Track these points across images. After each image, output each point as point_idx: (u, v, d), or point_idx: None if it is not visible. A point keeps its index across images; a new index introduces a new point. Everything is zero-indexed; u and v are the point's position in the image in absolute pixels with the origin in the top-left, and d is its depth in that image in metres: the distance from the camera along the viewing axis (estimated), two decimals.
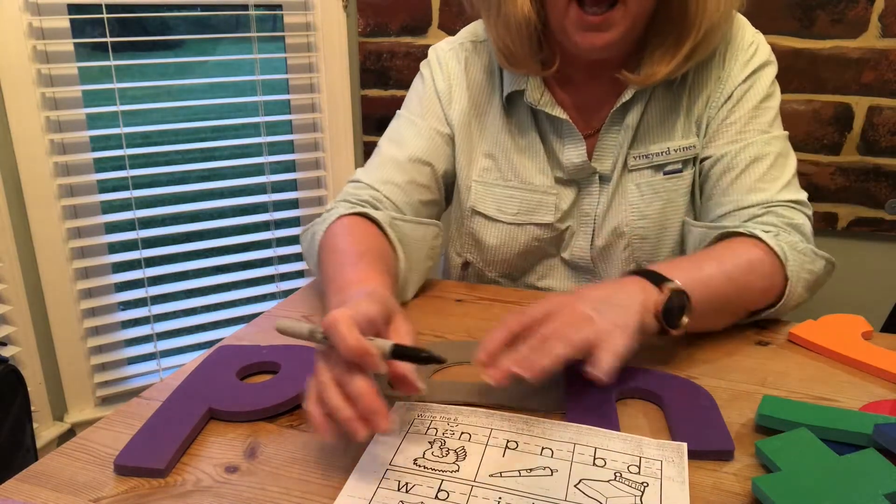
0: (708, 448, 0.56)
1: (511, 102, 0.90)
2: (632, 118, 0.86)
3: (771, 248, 0.75)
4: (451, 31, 1.68)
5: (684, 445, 0.55)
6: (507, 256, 0.92)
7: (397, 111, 0.95)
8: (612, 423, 0.59)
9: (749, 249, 0.75)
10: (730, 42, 0.85)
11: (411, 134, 0.90)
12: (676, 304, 0.66)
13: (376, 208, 0.85)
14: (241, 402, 0.62)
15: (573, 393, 0.63)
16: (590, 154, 0.88)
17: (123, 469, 0.54)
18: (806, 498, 0.47)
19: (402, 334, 0.58)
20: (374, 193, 0.87)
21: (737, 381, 0.67)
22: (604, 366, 0.57)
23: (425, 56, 0.96)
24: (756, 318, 0.78)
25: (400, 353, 0.54)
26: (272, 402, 0.61)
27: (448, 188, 0.95)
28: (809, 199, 0.85)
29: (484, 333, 0.76)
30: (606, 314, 0.60)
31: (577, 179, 0.89)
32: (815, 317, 0.78)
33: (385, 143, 0.92)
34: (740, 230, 0.78)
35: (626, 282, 0.67)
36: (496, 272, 0.95)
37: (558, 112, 0.86)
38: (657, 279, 0.66)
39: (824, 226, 1.54)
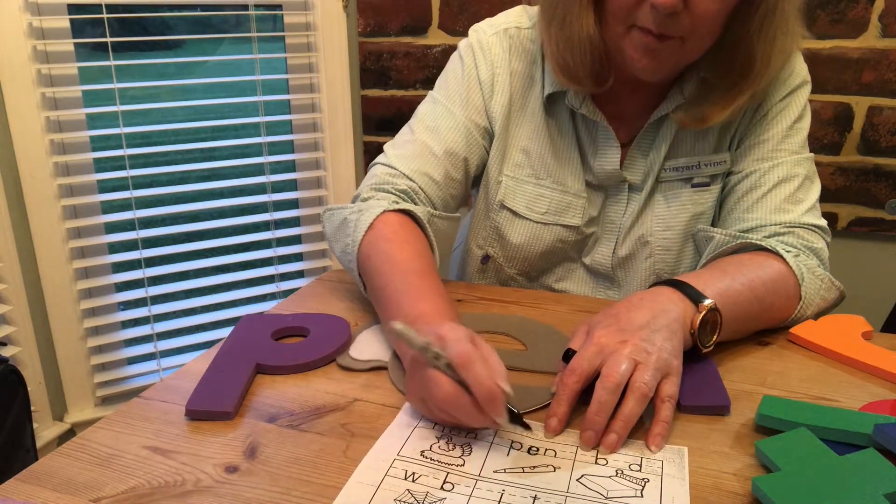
0: (705, 403, 0.61)
1: (551, 101, 0.88)
2: (667, 131, 0.86)
3: (790, 268, 0.76)
4: (452, 31, 1.68)
5: (685, 448, 0.56)
6: (529, 255, 0.92)
7: (431, 92, 0.92)
8: None
9: (774, 268, 0.75)
10: None
11: (449, 125, 0.88)
12: (710, 323, 0.66)
13: (413, 201, 0.85)
14: (283, 358, 0.69)
15: None
16: (621, 163, 0.87)
17: (195, 413, 0.60)
18: (806, 498, 0.47)
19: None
20: (412, 185, 0.85)
21: (737, 381, 0.67)
22: (674, 392, 0.59)
23: (425, 56, 0.95)
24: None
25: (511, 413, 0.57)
26: (310, 357, 0.69)
27: (475, 180, 0.94)
28: None
29: (485, 334, 0.77)
30: (655, 341, 0.60)
31: (606, 186, 0.89)
32: (815, 317, 0.78)
33: (420, 127, 0.89)
34: (763, 244, 0.78)
35: (663, 297, 0.66)
36: (515, 269, 0.94)
37: (599, 118, 0.85)
38: (693, 295, 0.66)
39: None
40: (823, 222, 0.84)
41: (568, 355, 0.62)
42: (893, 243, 1.54)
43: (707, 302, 0.66)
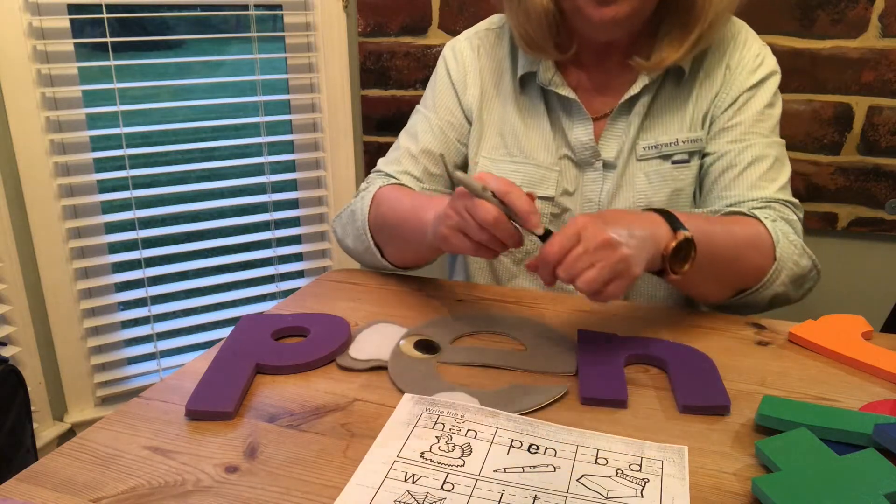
0: (705, 403, 0.62)
1: (524, 84, 0.95)
2: (640, 109, 0.90)
3: (767, 230, 0.81)
4: (451, 31, 1.68)
5: (685, 448, 0.56)
6: None
7: (417, 105, 1.02)
8: (619, 385, 0.64)
9: (752, 226, 0.81)
10: (738, 51, 0.90)
11: (425, 128, 0.98)
12: (683, 250, 0.70)
13: None
14: (283, 358, 0.69)
15: (584, 356, 0.69)
16: (596, 139, 0.92)
17: (195, 413, 0.61)
18: (806, 498, 0.47)
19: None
20: (395, 181, 0.95)
21: (737, 381, 0.67)
22: (617, 293, 0.65)
23: (425, 56, 0.99)
24: (740, 297, 0.82)
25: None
26: (310, 357, 0.70)
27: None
28: (809, 199, 0.87)
29: (485, 334, 0.77)
30: (629, 242, 0.66)
31: (581, 162, 0.92)
32: (815, 317, 0.78)
33: (403, 136, 1.00)
34: (742, 211, 0.84)
35: (645, 215, 0.72)
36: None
37: (567, 92, 0.91)
38: (673, 223, 0.71)
39: (824, 226, 1.54)
40: (796, 200, 0.89)
41: (545, 236, 0.67)
42: (893, 243, 1.54)
43: (684, 231, 0.70)
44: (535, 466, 0.54)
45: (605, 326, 0.78)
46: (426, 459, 0.54)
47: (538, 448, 0.56)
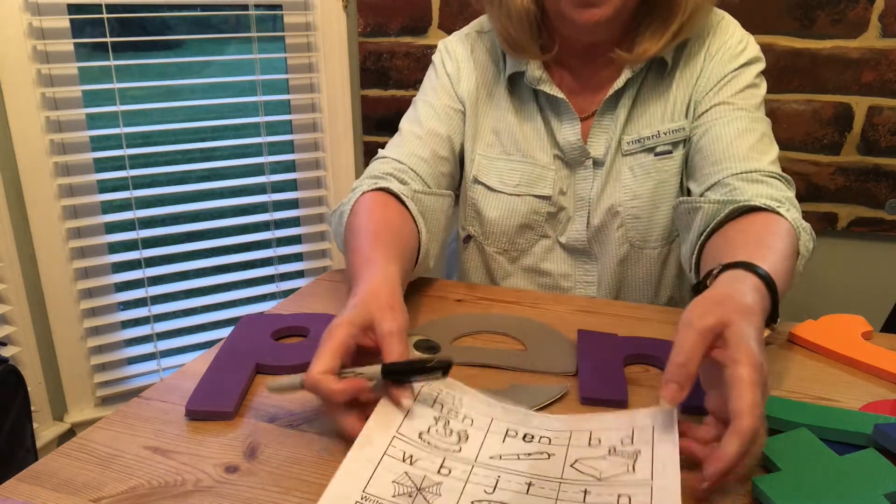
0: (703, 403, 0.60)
1: (514, 83, 0.95)
2: (625, 103, 0.90)
3: (791, 224, 0.74)
4: (451, 31, 1.68)
5: (674, 409, 0.54)
6: (506, 229, 0.96)
7: (414, 99, 1.01)
8: (619, 385, 0.64)
9: (786, 231, 0.72)
10: (720, 39, 0.90)
11: (428, 112, 0.96)
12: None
13: (402, 181, 0.88)
14: (283, 358, 0.69)
15: (584, 356, 0.69)
16: (584, 138, 0.92)
17: (195, 413, 0.61)
18: (806, 498, 0.47)
19: (388, 340, 0.58)
20: (400, 166, 0.90)
21: None
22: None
23: (425, 56, 0.98)
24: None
25: (392, 370, 0.56)
26: (310, 357, 0.65)
27: (462, 162, 1.00)
28: (809, 199, 0.86)
29: (485, 334, 0.77)
30: (761, 349, 0.53)
31: (572, 162, 0.93)
32: (815, 317, 0.78)
33: (405, 123, 0.97)
34: (757, 205, 0.76)
35: (762, 297, 0.60)
36: (494, 247, 0.97)
37: (555, 91, 0.90)
38: (774, 309, 0.62)
39: (824, 226, 1.54)
40: (788, 176, 0.85)
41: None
42: (893, 243, 1.54)
43: (777, 323, 0.63)
44: (529, 454, 0.54)
45: (605, 326, 0.78)
46: (424, 441, 0.54)
47: (533, 437, 0.56)
